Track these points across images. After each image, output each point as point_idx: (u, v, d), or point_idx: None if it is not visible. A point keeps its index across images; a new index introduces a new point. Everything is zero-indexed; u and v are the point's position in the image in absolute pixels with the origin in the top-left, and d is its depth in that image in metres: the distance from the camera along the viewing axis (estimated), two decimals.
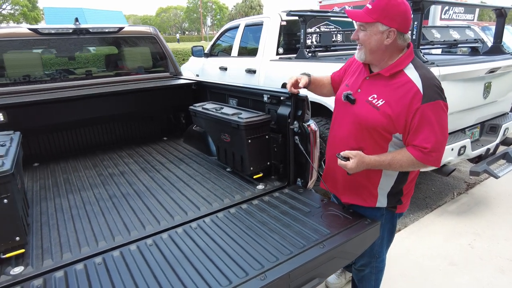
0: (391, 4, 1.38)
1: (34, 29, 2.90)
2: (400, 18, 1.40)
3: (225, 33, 5.59)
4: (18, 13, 39.70)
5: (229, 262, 1.42)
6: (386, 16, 1.39)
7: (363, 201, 1.69)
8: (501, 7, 3.49)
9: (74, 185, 2.33)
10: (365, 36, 1.46)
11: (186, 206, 1.95)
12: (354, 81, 1.63)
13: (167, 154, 2.90)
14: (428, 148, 1.41)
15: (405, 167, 1.48)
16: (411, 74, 1.44)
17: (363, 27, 1.46)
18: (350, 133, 1.60)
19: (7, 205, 1.42)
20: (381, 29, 1.41)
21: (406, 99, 1.40)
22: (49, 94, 2.01)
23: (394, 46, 1.45)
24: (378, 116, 1.47)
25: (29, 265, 1.46)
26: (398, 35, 1.42)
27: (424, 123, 1.39)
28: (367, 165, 1.50)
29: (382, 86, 1.49)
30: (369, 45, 1.46)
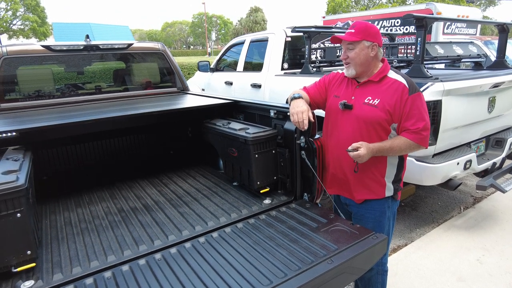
0: (369, 26, 1.81)
1: (46, 46, 2.99)
2: (378, 36, 1.81)
3: (230, 48, 5.70)
4: (28, 29, 40.67)
5: (238, 277, 1.42)
6: (369, 34, 1.78)
7: (375, 194, 1.90)
8: (503, 23, 3.54)
9: (83, 198, 2.36)
10: (355, 53, 1.80)
11: (194, 221, 1.97)
12: (344, 92, 1.93)
13: (174, 167, 2.93)
14: (419, 127, 1.75)
15: (403, 149, 1.78)
16: (395, 76, 1.83)
17: (351, 46, 1.80)
18: (356, 131, 1.84)
19: (20, 219, 1.45)
20: (367, 44, 1.78)
21: (397, 93, 1.77)
22: (62, 115, 2.03)
23: (376, 57, 1.83)
24: (378, 112, 1.78)
25: (40, 279, 1.47)
26: (379, 49, 1.82)
27: (414, 109, 1.75)
28: (372, 151, 1.74)
29: (374, 89, 1.83)
30: (359, 60, 1.80)
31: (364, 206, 1.94)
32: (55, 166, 2.80)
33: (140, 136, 3.20)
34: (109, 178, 2.73)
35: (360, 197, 1.93)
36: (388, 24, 9.07)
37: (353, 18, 10.15)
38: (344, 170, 1.93)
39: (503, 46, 3.70)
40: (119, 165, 3.01)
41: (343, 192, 2.01)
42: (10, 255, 1.45)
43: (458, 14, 8.57)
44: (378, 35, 1.81)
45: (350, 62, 1.83)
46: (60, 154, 2.87)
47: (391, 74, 1.85)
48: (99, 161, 3.00)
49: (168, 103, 2.79)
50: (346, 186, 1.96)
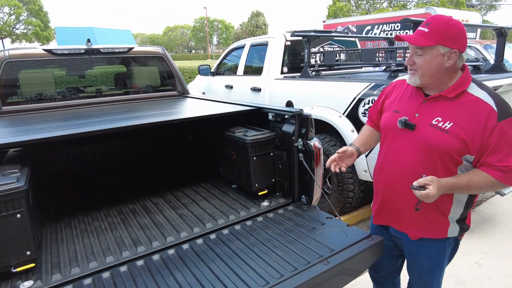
0: (451, 25, 1.35)
1: (48, 50, 3.02)
2: (460, 39, 1.36)
3: (231, 52, 5.74)
4: (30, 33, 40.98)
5: (234, 278, 1.44)
6: (448, 38, 1.34)
7: (433, 233, 1.55)
8: (500, 27, 3.57)
9: (82, 200, 2.38)
10: (425, 61, 1.39)
11: (192, 223, 1.98)
12: (406, 105, 1.54)
13: (173, 170, 2.95)
14: (510, 166, 1.34)
15: (484, 188, 1.39)
16: (478, 93, 1.38)
17: (420, 51, 1.39)
18: (417, 160, 1.47)
19: (20, 219, 1.47)
20: (442, 51, 1.35)
21: (480, 118, 1.34)
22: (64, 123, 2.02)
23: (453, 67, 1.40)
24: (449, 139, 1.38)
25: (39, 279, 1.49)
26: (460, 56, 1.39)
27: (503, 141, 1.33)
28: (444, 189, 1.38)
29: (446, 107, 1.41)
30: (429, 70, 1.39)
31: (419, 243, 1.59)
32: (55, 168, 2.83)
33: (141, 139, 3.23)
34: (108, 180, 2.75)
35: (415, 234, 1.58)
36: (388, 28, 9.12)
37: (353, 22, 10.20)
38: (398, 202, 1.59)
39: (501, 50, 3.72)
40: (119, 167, 3.03)
41: (394, 224, 1.66)
42: (9, 256, 1.47)
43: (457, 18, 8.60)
44: (461, 37, 1.36)
45: (416, 70, 1.43)
46: (60, 156, 2.90)
47: (473, 90, 1.39)
48: (99, 163, 3.03)
49: (171, 108, 2.81)
50: (398, 218, 1.63)
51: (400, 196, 1.55)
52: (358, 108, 3.19)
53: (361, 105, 3.17)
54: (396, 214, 1.62)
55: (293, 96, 4.02)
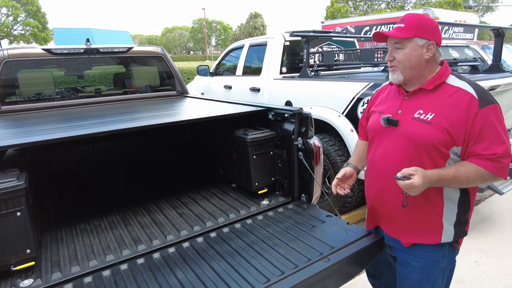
0: (425, 20, 1.39)
1: (47, 49, 3.02)
2: (436, 32, 1.40)
3: (230, 53, 5.75)
4: (28, 34, 40.88)
5: (235, 276, 1.44)
6: (424, 30, 1.37)
7: (427, 238, 1.45)
8: (498, 27, 3.58)
9: (82, 200, 2.37)
10: (404, 54, 1.39)
11: (192, 221, 1.98)
12: (390, 105, 1.53)
13: (173, 170, 2.94)
14: (497, 153, 1.28)
15: (473, 179, 1.31)
16: (458, 83, 1.38)
17: (399, 45, 1.40)
18: (403, 155, 1.42)
19: (20, 218, 1.46)
20: (420, 43, 1.37)
21: (461, 106, 1.31)
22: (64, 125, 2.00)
23: (433, 60, 1.41)
24: (432, 130, 1.34)
25: (39, 278, 1.49)
26: (437, 48, 1.41)
27: (487, 128, 1.28)
28: (430, 180, 1.31)
29: (427, 100, 1.41)
30: (409, 63, 1.39)
31: (411, 250, 1.50)
32: (55, 168, 2.82)
33: (141, 139, 3.22)
34: (108, 179, 2.75)
35: (408, 240, 1.49)
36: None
37: (351, 23, 10.24)
38: (388, 203, 1.52)
39: (498, 50, 3.74)
40: (118, 166, 3.03)
41: (386, 228, 1.59)
42: (9, 254, 1.46)
43: (455, 19, 8.66)
44: (436, 30, 1.40)
45: (396, 66, 1.43)
46: (59, 156, 2.89)
47: (452, 81, 1.40)
48: (98, 163, 3.02)
49: (172, 108, 2.80)
50: (390, 221, 1.56)
51: (391, 198, 1.48)
52: (357, 108, 3.20)
53: (360, 105, 3.17)
54: (387, 217, 1.56)
55: (292, 96, 4.03)
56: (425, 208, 1.43)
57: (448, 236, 1.43)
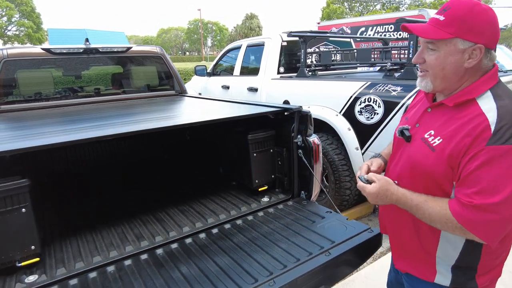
0: (475, 12, 1.00)
1: (46, 49, 3.03)
2: (488, 30, 1.02)
3: (227, 53, 5.78)
4: (23, 34, 40.61)
5: (239, 270, 1.47)
6: (470, 28, 1.00)
7: (418, 270, 1.23)
8: None
9: (85, 198, 2.39)
10: (437, 58, 1.06)
11: (194, 218, 2.01)
12: (414, 113, 1.26)
13: (173, 168, 2.96)
14: (475, 203, 0.96)
15: (433, 219, 1.06)
16: (485, 105, 1.02)
17: (432, 45, 1.06)
18: (404, 177, 1.20)
19: (24, 214, 1.48)
20: (462, 47, 1.02)
21: (470, 136, 0.99)
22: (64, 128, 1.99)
23: (477, 68, 1.05)
24: (433, 159, 1.08)
25: (43, 274, 1.50)
26: (486, 53, 1.03)
27: (484, 171, 0.96)
28: (391, 197, 1.12)
29: (444, 120, 1.10)
30: (441, 71, 1.06)
31: (408, 278, 1.29)
32: (56, 167, 2.83)
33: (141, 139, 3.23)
34: (108, 179, 2.76)
35: (401, 266, 1.31)
36: (382, 30, 9.22)
37: (347, 24, 10.31)
38: (390, 222, 1.34)
39: None
40: (119, 166, 3.04)
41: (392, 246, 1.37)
42: (14, 250, 1.48)
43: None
44: (489, 29, 1.02)
45: (427, 71, 1.11)
46: (60, 156, 2.90)
47: (483, 100, 1.04)
48: (100, 162, 3.03)
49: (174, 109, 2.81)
50: (392, 242, 1.36)
51: (391, 216, 1.30)
52: (354, 107, 3.24)
53: (357, 104, 3.22)
54: (389, 233, 1.37)
55: (290, 96, 4.06)
56: (414, 239, 1.21)
57: (443, 279, 1.17)
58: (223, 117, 1.96)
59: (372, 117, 3.09)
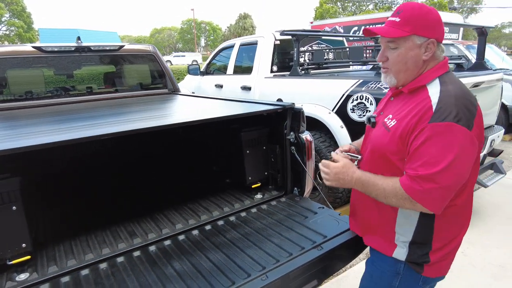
0: (425, 12, 1.16)
1: (37, 47, 3.00)
2: (437, 26, 1.18)
3: (220, 52, 5.77)
4: (13, 34, 40.08)
5: (232, 265, 1.47)
6: (423, 26, 1.15)
7: (378, 243, 1.33)
8: (481, 26, 3.71)
9: (77, 197, 2.37)
10: (399, 55, 1.19)
11: (187, 215, 2.01)
12: (381, 103, 1.43)
13: (167, 165, 2.95)
14: (419, 174, 1.08)
15: (388, 194, 1.17)
16: (432, 90, 1.16)
17: (393, 44, 1.20)
18: (367, 163, 1.33)
19: (15, 212, 1.47)
20: (418, 42, 1.16)
21: (416, 116, 1.13)
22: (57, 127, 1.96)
23: (432, 60, 1.21)
24: (387, 139, 1.20)
25: (35, 272, 1.49)
26: (438, 46, 1.20)
27: (426, 146, 1.08)
28: (352, 175, 1.25)
29: (401, 105, 1.24)
30: (404, 65, 1.20)
31: (372, 253, 1.41)
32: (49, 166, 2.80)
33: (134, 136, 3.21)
34: (103, 176, 2.74)
35: (367, 240, 1.42)
36: None
37: (340, 24, 10.37)
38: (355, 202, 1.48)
39: (482, 49, 3.87)
40: (110, 165, 3.02)
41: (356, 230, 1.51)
42: (5, 248, 1.46)
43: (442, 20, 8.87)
44: (438, 24, 1.18)
45: (389, 68, 1.24)
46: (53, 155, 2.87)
47: (432, 86, 1.18)
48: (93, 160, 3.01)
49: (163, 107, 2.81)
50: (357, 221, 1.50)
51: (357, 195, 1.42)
52: (347, 105, 3.26)
53: (349, 102, 3.24)
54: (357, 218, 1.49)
55: (283, 94, 4.08)
56: (374, 212, 1.32)
57: (400, 253, 1.25)
58: (215, 117, 1.96)
59: (364, 114, 3.12)
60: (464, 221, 1.26)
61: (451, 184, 1.09)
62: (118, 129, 1.59)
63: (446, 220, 1.20)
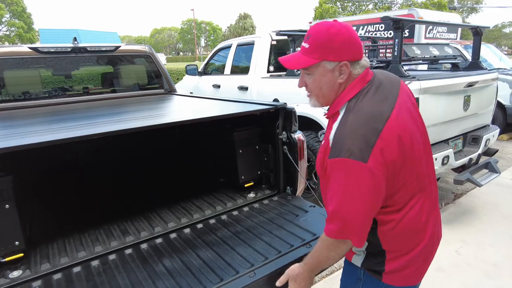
0: (331, 35, 1.10)
1: (34, 48, 3.02)
2: (347, 47, 1.11)
3: (218, 52, 5.80)
4: (14, 35, 40.18)
5: (220, 262, 1.50)
6: (330, 51, 1.10)
7: None
8: (476, 26, 3.72)
9: (70, 195, 2.39)
10: (314, 81, 1.16)
11: (179, 214, 2.03)
12: None
13: (161, 165, 2.98)
14: (328, 213, 1.11)
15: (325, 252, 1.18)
16: (338, 119, 1.13)
17: (307, 71, 1.17)
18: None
19: (8, 210, 1.49)
20: (329, 67, 1.12)
21: (322, 152, 1.16)
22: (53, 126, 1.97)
23: (350, 80, 1.15)
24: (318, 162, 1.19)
25: (28, 269, 1.51)
26: (353, 66, 1.13)
27: (330, 183, 1.09)
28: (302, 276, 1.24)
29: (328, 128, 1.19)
30: (320, 90, 1.17)
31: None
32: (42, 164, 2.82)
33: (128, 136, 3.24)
34: (97, 176, 2.76)
35: None
36: (372, 29, 9.31)
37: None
38: None
39: (477, 48, 3.88)
40: (105, 164, 3.04)
41: None
42: None
43: (439, 19, 8.87)
44: (347, 45, 1.11)
45: (309, 92, 1.23)
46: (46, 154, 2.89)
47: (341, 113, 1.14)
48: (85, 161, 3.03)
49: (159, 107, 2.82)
50: None
51: None
52: None
53: None
54: None
55: (280, 94, 4.10)
56: None
57: (357, 259, 1.25)
58: (207, 116, 1.98)
59: None
60: (416, 234, 1.17)
61: (354, 217, 1.06)
62: (109, 129, 1.61)
63: (389, 235, 1.15)
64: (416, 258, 1.18)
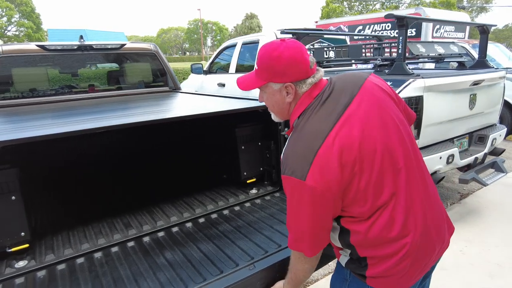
0: (273, 59, 1.11)
1: (41, 46, 3.08)
2: (289, 69, 1.11)
3: (223, 51, 5.83)
4: (23, 35, 40.75)
5: (221, 255, 1.51)
6: (274, 74, 1.12)
7: (335, 248, 1.30)
8: (483, 24, 3.69)
9: (75, 189, 2.43)
10: (267, 99, 1.22)
11: (182, 208, 2.05)
12: None
13: (164, 160, 3.01)
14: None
15: (302, 267, 1.25)
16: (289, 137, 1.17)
17: (260, 89, 1.22)
18: None
19: (14, 201, 1.53)
20: (276, 88, 1.15)
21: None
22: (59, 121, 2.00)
23: (298, 97, 1.17)
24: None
25: (33, 259, 1.55)
26: (298, 85, 1.14)
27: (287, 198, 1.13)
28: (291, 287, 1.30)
29: None
30: (273, 108, 1.23)
31: None
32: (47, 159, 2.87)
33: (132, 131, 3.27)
34: (100, 169, 2.80)
35: None
36: (379, 28, 9.28)
37: (345, 23, 10.35)
38: None
39: (484, 47, 3.84)
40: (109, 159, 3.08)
41: None
42: (5, 236, 1.52)
43: (447, 18, 8.81)
44: (289, 68, 1.11)
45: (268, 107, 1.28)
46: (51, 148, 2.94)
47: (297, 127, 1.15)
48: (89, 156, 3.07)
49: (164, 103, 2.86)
50: None
51: None
52: None
53: None
54: None
55: None
56: None
57: (343, 260, 1.24)
58: (210, 112, 2.00)
59: None
60: (392, 241, 1.11)
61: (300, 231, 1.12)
62: (112, 123, 1.63)
63: (362, 244, 1.13)
64: (400, 263, 1.12)
